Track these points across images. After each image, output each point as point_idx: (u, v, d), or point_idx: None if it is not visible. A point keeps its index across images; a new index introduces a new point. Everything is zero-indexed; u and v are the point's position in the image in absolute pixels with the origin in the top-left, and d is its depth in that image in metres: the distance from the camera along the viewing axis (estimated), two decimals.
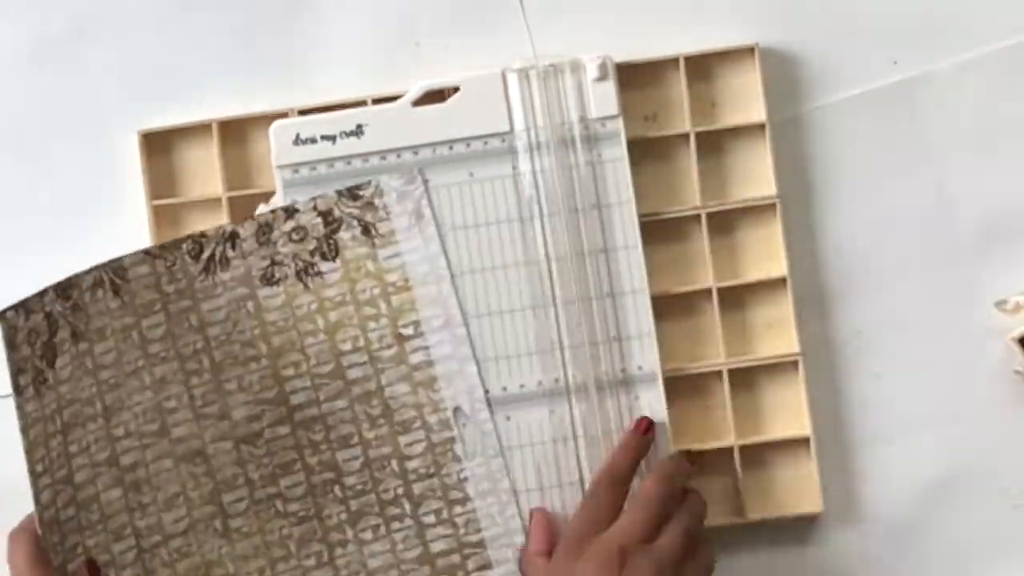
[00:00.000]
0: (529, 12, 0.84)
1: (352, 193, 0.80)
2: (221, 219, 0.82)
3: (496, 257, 0.81)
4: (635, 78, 0.83)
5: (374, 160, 0.81)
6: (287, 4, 0.84)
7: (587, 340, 0.80)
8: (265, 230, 0.79)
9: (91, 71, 0.83)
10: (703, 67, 0.83)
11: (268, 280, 0.79)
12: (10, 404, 0.81)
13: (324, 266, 0.80)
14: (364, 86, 0.83)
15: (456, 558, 0.80)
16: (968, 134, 0.83)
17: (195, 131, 0.83)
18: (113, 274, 0.76)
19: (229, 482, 0.79)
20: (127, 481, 0.77)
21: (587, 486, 0.79)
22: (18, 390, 0.71)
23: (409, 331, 0.80)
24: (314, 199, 0.80)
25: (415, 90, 0.81)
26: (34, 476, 0.72)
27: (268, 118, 0.82)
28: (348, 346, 0.80)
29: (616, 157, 0.80)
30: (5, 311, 0.71)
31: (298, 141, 0.81)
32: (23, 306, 0.72)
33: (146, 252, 0.78)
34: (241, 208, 0.82)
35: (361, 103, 0.82)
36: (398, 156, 0.81)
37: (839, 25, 0.83)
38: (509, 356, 0.80)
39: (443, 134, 0.81)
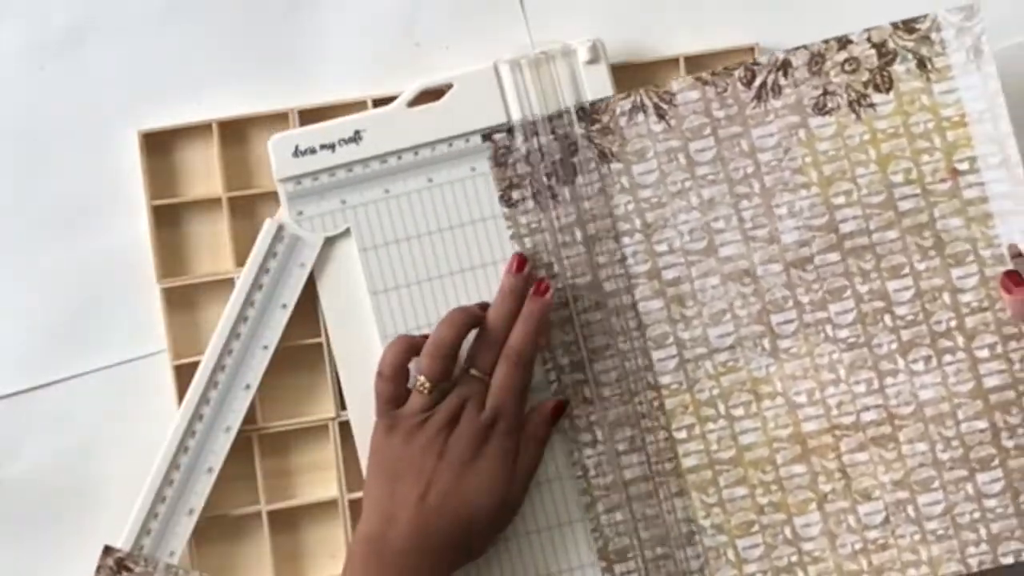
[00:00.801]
0: (528, 13, 0.84)
1: (907, 26, 0.80)
2: (221, 219, 0.82)
3: (508, 250, 0.81)
4: (635, 78, 0.83)
5: (375, 164, 0.81)
6: (287, 4, 0.84)
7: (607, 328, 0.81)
8: (818, 60, 0.80)
9: (91, 71, 0.83)
10: (703, 67, 0.83)
11: (820, 109, 0.80)
12: (11, 405, 0.82)
13: (877, 98, 0.81)
14: (364, 86, 0.83)
15: (1011, 394, 0.80)
16: None
17: (195, 131, 0.83)
18: (658, 98, 0.79)
19: (778, 304, 0.81)
20: (669, 294, 0.80)
21: None
22: (509, 203, 0.80)
23: (964, 166, 0.80)
24: (868, 30, 0.81)
25: (409, 91, 0.81)
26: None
27: (268, 118, 0.82)
28: (900, 178, 0.80)
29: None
30: (492, 132, 0.80)
31: (297, 152, 0.81)
32: (520, 129, 0.80)
33: (696, 78, 0.80)
34: (241, 208, 0.82)
35: (361, 103, 0.82)
36: (399, 158, 0.81)
37: (838, 25, 0.83)
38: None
39: (442, 132, 0.81)
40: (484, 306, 0.80)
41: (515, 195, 0.81)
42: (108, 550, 0.79)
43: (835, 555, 0.80)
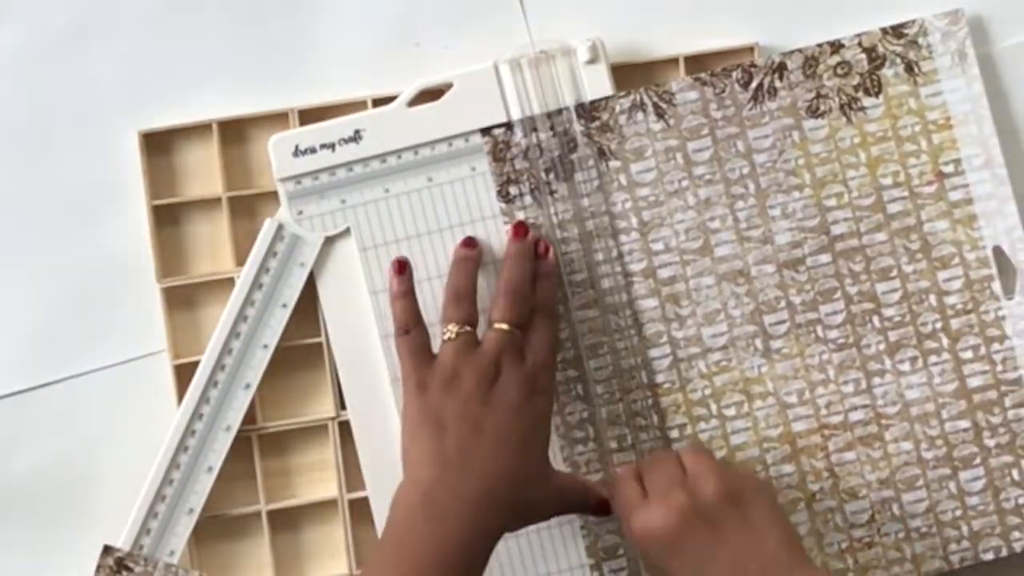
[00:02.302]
0: (528, 12, 0.84)
1: (896, 31, 0.81)
2: (221, 219, 0.82)
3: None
4: (635, 78, 0.83)
5: (375, 164, 0.81)
6: (286, 4, 0.84)
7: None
8: (811, 63, 0.81)
9: (91, 71, 0.83)
10: (703, 67, 0.83)
11: (813, 112, 0.81)
12: (11, 405, 0.82)
13: (867, 101, 0.81)
14: (364, 86, 0.83)
15: (993, 394, 0.81)
16: None
17: (195, 131, 0.83)
18: (658, 98, 0.80)
19: (771, 304, 0.81)
20: (664, 293, 0.80)
21: None
22: (506, 198, 0.80)
23: (949, 168, 0.81)
24: (859, 35, 0.81)
25: (409, 91, 0.81)
26: None
27: (268, 118, 0.82)
28: (888, 181, 0.81)
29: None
30: (492, 128, 0.80)
31: (298, 152, 0.81)
32: (519, 124, 0.80)
33: (695, 79, 0.81)
34: (241, 208, 0.82)
35: (361, 103, 0.82)
36: (398, 157, 0.81)
37: (838, 25, 0.83)
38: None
39: (441, 131, 0.81)
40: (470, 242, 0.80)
41: (512, 191, 0.81)
42: (108, 550, 0.79)
43: (822, 554, 0.81)
